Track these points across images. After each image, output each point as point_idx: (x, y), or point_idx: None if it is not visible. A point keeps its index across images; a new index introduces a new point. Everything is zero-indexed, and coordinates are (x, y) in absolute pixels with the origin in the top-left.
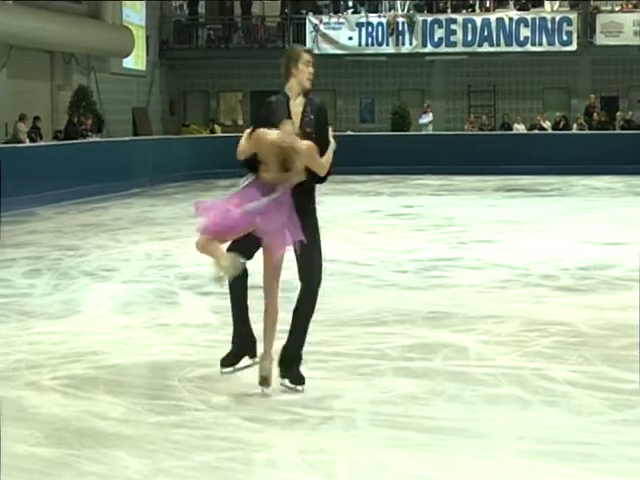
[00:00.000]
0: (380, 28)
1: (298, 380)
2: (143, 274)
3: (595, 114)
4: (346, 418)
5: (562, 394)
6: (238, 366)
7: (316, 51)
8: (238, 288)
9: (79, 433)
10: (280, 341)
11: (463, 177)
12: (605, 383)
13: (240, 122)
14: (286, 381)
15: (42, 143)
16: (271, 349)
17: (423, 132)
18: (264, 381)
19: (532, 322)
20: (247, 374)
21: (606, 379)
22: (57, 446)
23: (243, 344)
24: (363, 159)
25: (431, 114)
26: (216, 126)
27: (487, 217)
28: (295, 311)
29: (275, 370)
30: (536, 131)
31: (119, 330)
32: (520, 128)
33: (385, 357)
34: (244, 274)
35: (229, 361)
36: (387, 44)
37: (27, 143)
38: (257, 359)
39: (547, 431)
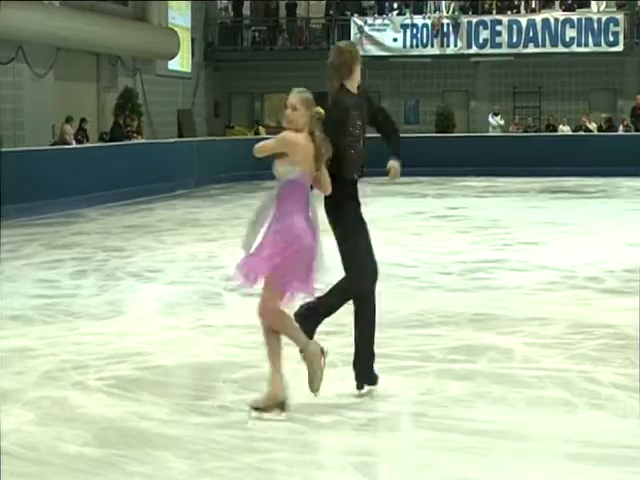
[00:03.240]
0: (425, 29)
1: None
2: (188, 275)
3: None
4: (390, 420)
5: (607, 397)
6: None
7: (361, 52)
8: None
9: (124, 433)
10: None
11: (508, 179)
12: None
13: (284, 124)
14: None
15: (88, 145)
16: None
17: (469, 134)
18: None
19: (577, 324)
20: (293, 377)
21: None
22: (103, 446)
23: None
24: (407, 161)
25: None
26: (261, 127)
27: (532, 219)
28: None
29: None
30: (582, 132)
31: (164, 331)
32: (565, 129)
33: (430, 359)
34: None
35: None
36: (432, 45)
37: (74, 145)
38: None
39: (592, 434)
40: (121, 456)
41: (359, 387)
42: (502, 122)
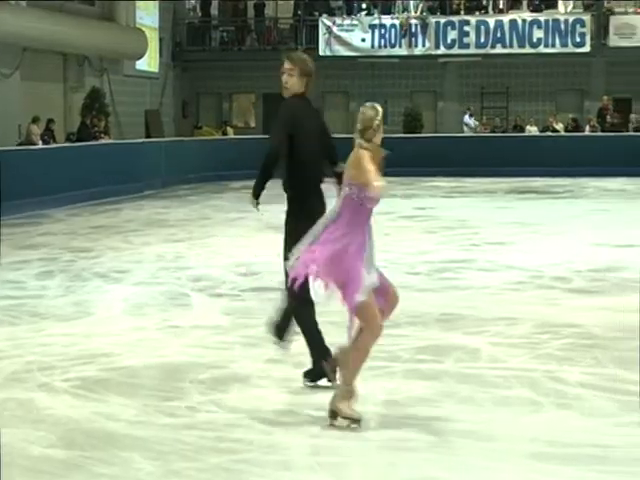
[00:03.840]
0: (393, 30)
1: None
2: (155, 276)
3: (608, 116)
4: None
5: (574, 396)
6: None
7: (329, 53)
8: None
9: (91, 435)
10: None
11: (475, 179)
12: (617, 385)
13: (252, 124)
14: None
15: (55, 145)
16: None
17: (437, 134)
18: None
19: (544, 324)
20: (261, 377)
21: (618, 381)
22: (69, 448)
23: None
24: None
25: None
26: (229, 128)
27: (499, 219)
28: None
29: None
30: (549, 133)
31: (131, 332)
32: (532, 130)
33: (397, 359)
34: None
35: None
36: (400, 46)
37: (40, 145)
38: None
39: (558, 433)
40: (87, 457)
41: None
42: (477, 123)
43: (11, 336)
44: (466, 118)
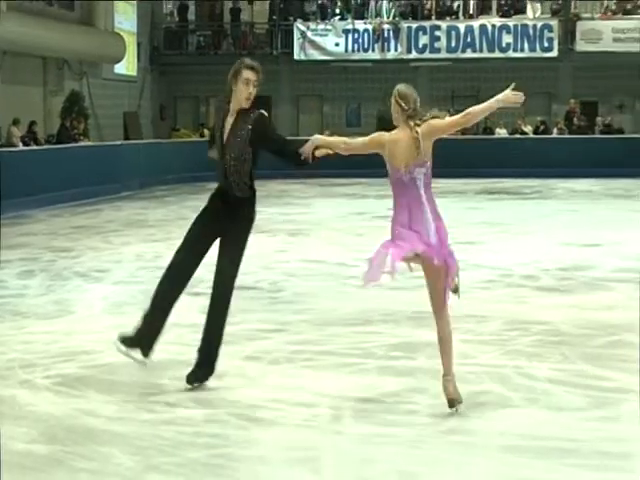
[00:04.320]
0: (366, 35)
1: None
2: (134, 275)
3: (575, 119)
4: (333, 415)
5: (543, 391)
6: (131, 353)
7: (303, 57)
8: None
9: (72, 430)
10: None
11: (446, 180)
12: (585, 381)
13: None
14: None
15: (35, 147)
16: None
17: None
18: (452, 402)
19: (513, 321)
20: (238, 374)
21: (586, 377)
22: (51, 443)
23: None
24: (349, 163)
25: None
26: (205, 130)
27: (469, 219)
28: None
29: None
30: (517, 135)
31: (111, 330)
32: (502, 132)
33: (371, 356)
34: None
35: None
36: (373, 50)
37: (21, 147)
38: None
39: (528, 428)
40: (68, 453)
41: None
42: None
43: None
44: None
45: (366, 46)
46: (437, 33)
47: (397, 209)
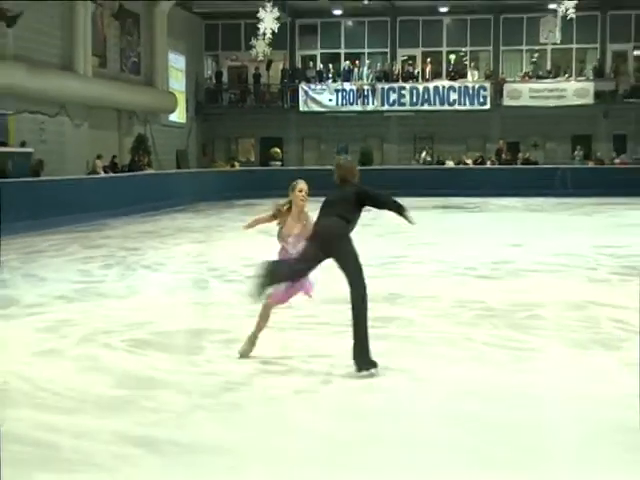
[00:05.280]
0: (351, 93)
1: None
2: (184, 267)
3: (503, 154)
4: (328, 368)
5: (480, 352)
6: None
7: (306, 109)
8: None
9: (139, 379)
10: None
11: (411, 198)
12: (510, 344)
13: (252, 159)
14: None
15: (112, 175)
16: None
17: (383, 167)
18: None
19: (459, 301)
20: (257, 338)
21: (510, 340)
22: (124, 388)
23: None
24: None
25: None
26: (236, 163)
27: (429, 226)
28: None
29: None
30: (461, 166)
31: (167, 307)
32: (450, 164)
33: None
34: None
35: None
36: (356, 104)
37: (102, 174)
38: None
39: (470, 377)
40: (136, 395)
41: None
42: (429, 158)
43: (81, 310)
44: (423, 154)
45: (351, 101)
46: (403, 92)
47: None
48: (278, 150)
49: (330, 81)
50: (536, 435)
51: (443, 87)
